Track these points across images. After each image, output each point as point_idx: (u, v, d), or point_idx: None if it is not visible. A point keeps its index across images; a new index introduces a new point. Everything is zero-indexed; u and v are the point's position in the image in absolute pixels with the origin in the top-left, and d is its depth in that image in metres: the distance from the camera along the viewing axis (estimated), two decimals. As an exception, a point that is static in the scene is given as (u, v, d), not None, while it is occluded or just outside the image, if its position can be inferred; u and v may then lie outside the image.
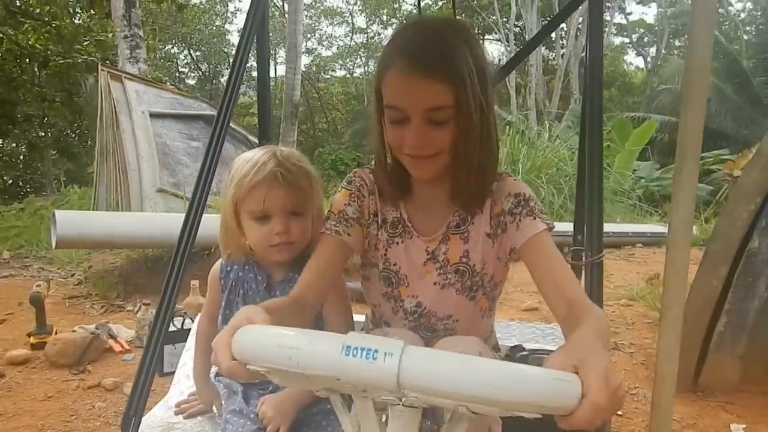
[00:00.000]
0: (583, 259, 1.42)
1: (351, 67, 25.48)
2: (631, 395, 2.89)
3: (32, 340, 3.46)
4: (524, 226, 1.18)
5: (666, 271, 1.07)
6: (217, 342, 0.81)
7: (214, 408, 1.58)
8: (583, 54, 16.04)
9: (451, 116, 1.09)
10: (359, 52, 24.65)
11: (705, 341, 2.83)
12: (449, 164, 1.18)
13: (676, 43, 25.20)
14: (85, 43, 11.14)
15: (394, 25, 24.44)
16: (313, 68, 23.61)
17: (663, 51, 23.94)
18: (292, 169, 1.36)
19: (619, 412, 2.67)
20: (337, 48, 25.37)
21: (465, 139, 1.12)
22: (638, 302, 4.32)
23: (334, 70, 24.97)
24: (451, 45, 1.08)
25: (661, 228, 6.85)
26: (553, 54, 21.13)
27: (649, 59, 26.82)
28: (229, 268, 1.51)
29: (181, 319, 2.96)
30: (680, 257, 1.04)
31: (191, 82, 23.14)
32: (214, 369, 1.62)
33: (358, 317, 1.79)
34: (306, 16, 21.41)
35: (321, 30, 25.05)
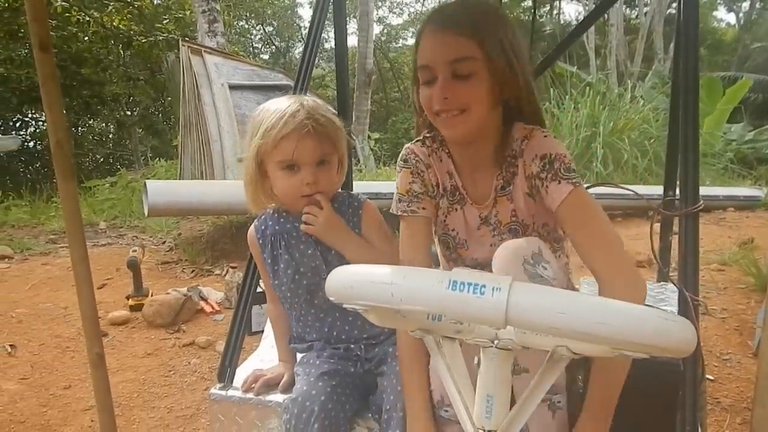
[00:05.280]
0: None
1: (422, 35, 25.00)
2: (724, 361, 2.78)
3: (131, 302, 3.69)
4: (552, 192, 1.19)
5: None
6: None
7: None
8: (669, 11, 15.11)
9: (476, 69, 1.14)
10: (431, 19, 24.11)
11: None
12: (481, 124, 1.22)
13: (773, -4, 23.22)
14: (165, 22, 11.52)
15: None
16: (384, 37, 23.39)
17: (758, 5, 22.10)
18: (321, 120, 1.37)
19: (710, 377, 2.58)
20: (408, 15, 24.99)
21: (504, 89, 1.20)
22: (730, 267, 4.11)
23: (405, 39, 24.62)
24: (476, 6, 1.19)
25: (755, 191, 6.42)
26: (635, 12, 20.01)
27: (741, 15, 24.87)
28: (263, 227, 1.52)
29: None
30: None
31: (265, 57, 23.51)
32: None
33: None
34: (376, -16, 21.19)
35: (391, -3, 24.72)
